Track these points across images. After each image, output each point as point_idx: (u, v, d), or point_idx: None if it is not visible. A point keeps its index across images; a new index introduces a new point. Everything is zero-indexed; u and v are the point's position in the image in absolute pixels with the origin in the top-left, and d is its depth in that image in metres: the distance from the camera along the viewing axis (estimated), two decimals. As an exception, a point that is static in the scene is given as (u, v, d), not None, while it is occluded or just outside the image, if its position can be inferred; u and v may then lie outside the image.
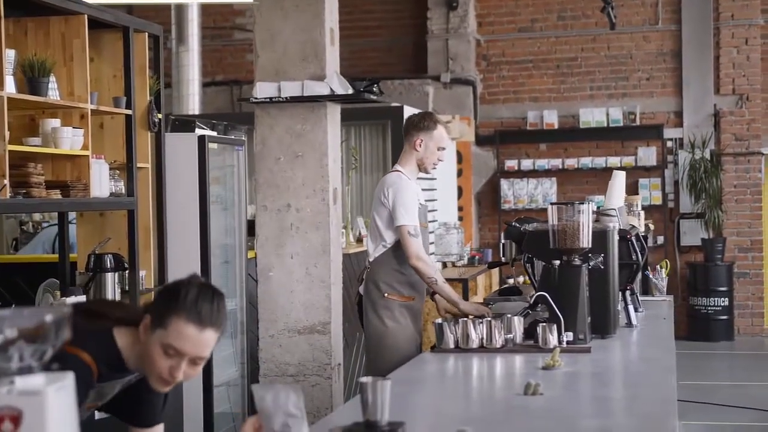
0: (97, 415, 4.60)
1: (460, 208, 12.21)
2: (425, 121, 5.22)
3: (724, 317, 12.14)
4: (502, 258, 5.12)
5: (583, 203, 4.39)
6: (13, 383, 1.71)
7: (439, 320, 4.33)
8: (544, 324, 4.19)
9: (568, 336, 4.24)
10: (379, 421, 2.72)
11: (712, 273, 12.14)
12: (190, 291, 2.60)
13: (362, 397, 2.72)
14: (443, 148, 5.23)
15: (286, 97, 5.51)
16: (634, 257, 5.00)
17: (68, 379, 1.74)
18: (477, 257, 10.62)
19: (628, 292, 5.06)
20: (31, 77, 4.76)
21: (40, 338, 1.73)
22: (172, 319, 2.57)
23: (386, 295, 5.13)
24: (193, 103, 10.99)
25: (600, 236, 4.49)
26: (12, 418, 1.67)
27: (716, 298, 12.10)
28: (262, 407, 2.40)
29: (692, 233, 12.47)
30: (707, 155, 12.29)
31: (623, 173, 5.76)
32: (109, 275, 5.35)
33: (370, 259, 5.24)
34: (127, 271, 5.55)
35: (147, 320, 2.63)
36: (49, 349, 1.74)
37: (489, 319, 4.28)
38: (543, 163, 12.73)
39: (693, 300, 12.22)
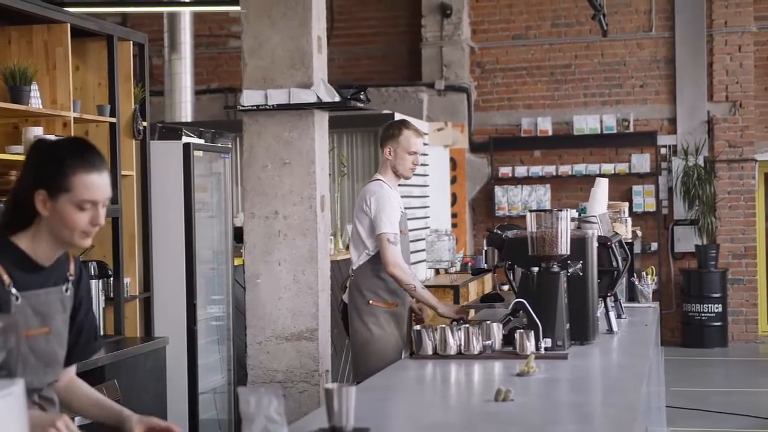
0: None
1: (454, 215, 12.23)
2: (390, 129, 5.36)
3: (718, 324, 12.15)
4: (484, 265, 5.14)
5: (561, 210, 4.40)
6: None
7: (418, 327, 4.35)
8: (522, 330, 4.20)
9: (547, 342, 4.25)
10: (344, 427, 2.75)
11: (705, 279, 12.14)
12: (71, 148, 2.71)
13: (327, 404, 2.74)
14: (414, 153, 5.30)
15: (273, 105, 5.53)
16: (614, 264, 5.00)
17: (16, 386, 1.75)
18: (470, 264, 10.64)
19: (609, 299, 5.07)
20: (13, 85, 4.78)
21: (-13, 345, 1.75)
22: (73, 179, 2.65)
23: (371, 302, 5.22)
24: (185, 110, 11.01)
25: (578, 243, 4.50)
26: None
27: (710, 305, 12.10)
28: (245, 411, 2.44)
29: (686, 240, 12.47)
30: (701, 162, 12.31)
31: (606, 180, 5.78)
32: (93, 282, 5.36)
33: (354, 267, 5.33)
34: (111, 279, 5.56)
35: (42, 195, 2.66)
36: (-3, 355, 1.76)
37: (467, 325, 4.29)
38: (537, 170, 12.75)
39: (687, 306, 12.23)
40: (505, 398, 3.28)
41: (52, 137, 2.82)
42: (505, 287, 10.04)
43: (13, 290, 2.63)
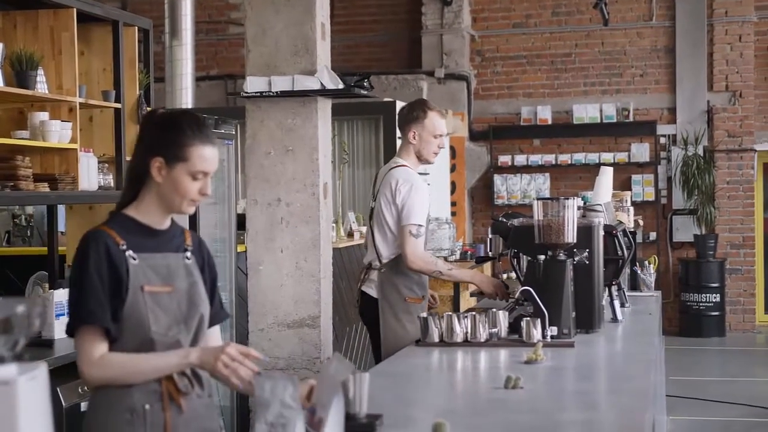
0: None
1: (453, 204, 12.23)
2: (414, 112, 5.17)
3: (716, 313, 12.18)
4: (489, 253, 5.13)
5: (568, 199, 4.40)
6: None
7: (424, 314, 4.35)
8: (528, 318, 4.21)
9: (553, 330, 4.25)
10: (357, 414, 2.75)
11: (704, 269, 12.17)
12: (190, 121, 2.86)
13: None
14: (440, 135, 5.14)
15: (276, 92, 5.51)
16: (619, 252, 5.00)
17: (40, 369, 1.75)
18: (470, 252, 10.65)
19: (614, 288, 5.07)
20: (19, 70, 4.77)
21: (11, 328, 1.75)
22: (191, 150, 2.82)
23: (407, 299, 5.10)
24: (186, 97, 10.92)
25: (585, 231, 4.50)
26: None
27: (708, 294, 12.13)
28: (260, 396, 2.44)
29: (685, 229, 12.50)
30: (700, 152, 12.32)
31: (611, 169, 5.78)
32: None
33: (383, 260, 5.14)
34: (115, 265, 5.56)
35: (159, 162, 2.82)
36: (21, 339, 1.76)
37: (474, 313, 4.30)
38: (536, 158, 12.76)
39: (685, 296, 12.26)
40: (515, 385, 3.29)
41: (161, 110, 2.99)
42: (504, 275, 10.08)
43: (129, 252, 2.79)
